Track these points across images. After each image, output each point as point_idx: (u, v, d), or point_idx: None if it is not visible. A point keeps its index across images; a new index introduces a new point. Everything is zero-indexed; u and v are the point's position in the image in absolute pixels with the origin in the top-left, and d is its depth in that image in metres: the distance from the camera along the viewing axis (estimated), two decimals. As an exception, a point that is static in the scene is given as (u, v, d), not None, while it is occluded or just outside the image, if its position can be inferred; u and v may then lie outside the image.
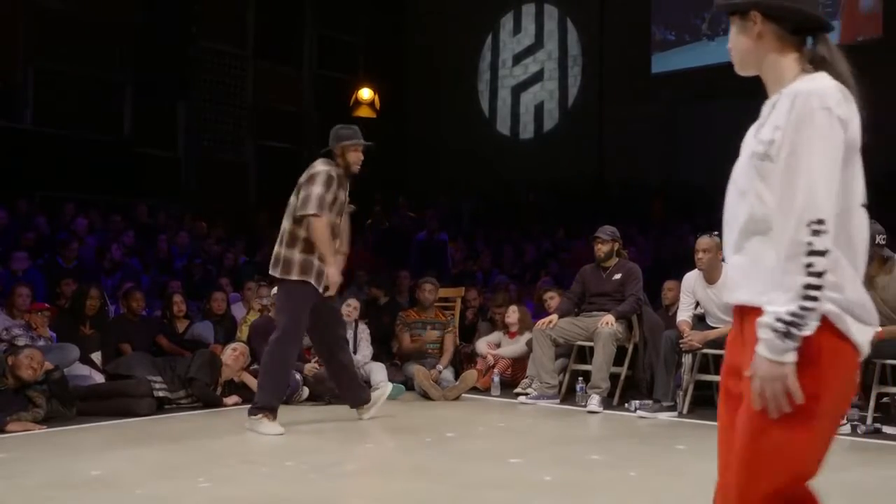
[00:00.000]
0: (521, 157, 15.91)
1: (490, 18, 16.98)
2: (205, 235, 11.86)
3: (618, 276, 6.97)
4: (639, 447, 5.28)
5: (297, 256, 5.48)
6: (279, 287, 5.65)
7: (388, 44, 17.05)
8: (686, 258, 7.03)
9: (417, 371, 7.16)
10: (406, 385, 7.29)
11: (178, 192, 14.12)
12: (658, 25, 15.06)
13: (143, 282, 9.37)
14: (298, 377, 6.70)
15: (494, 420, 6.35)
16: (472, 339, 8.30)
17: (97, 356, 7.09)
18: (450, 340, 7.71)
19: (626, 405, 6.55)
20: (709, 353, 6.37)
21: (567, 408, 6.66)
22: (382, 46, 16.96)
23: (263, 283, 8.43)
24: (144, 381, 6.18)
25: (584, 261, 7.60)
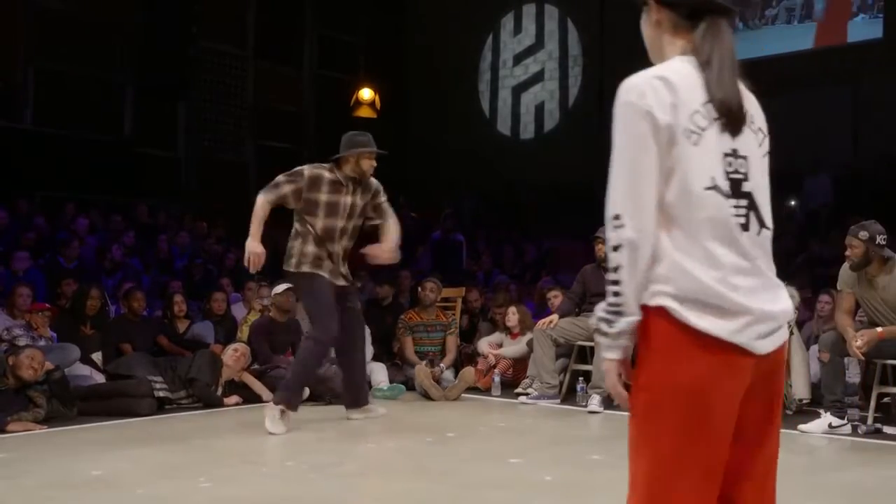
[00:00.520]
0: (522, 158, 15.89)
1: (490, 18, 16.96)
2: (205, 235, 11.87)
3: (618, 276, 6.95)
4: (639, 447, 5.27)
5: (296, 248, 5.71)
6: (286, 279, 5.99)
7: (389, 44, 17.03)
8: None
9: (418, 370, 7.16)
10: (406, 385, 7.29)
11: (179, 192, 14.11)
12: (658, 25, 15.03)
13: (144, 282, 9.36)
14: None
15: (495, 420, 6.36)
16: (473, 340, 8.30)
17: (98, 356, 7.10)
18: (451, 341, 7.70)
19: (627, 405, 6.54)
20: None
21: (568, 408, 6.66)
22: (383, 46, 16.94)
23: (264, 284, 8.44)
24: (145, 382, 6.18)
25: (584, 261, 7.60)
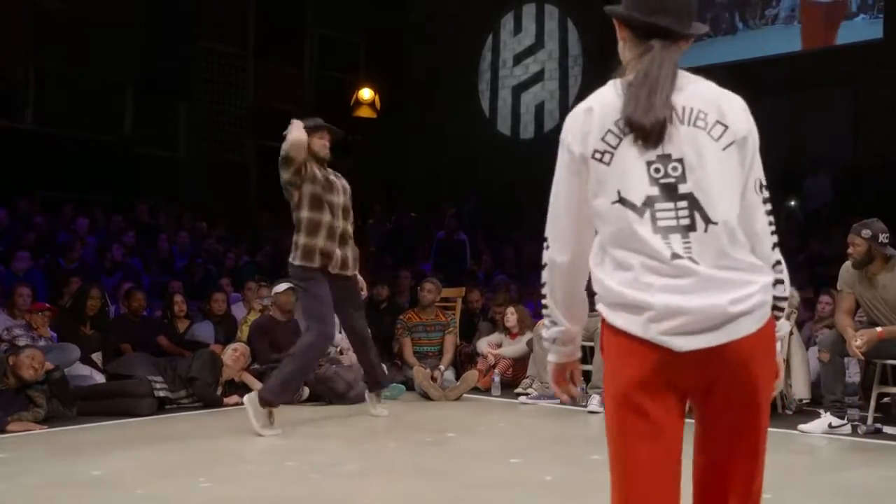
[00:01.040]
0: (522, 157, 15.88)
1: (490, 18, 16.95)
2: (205, 235, 11.86)
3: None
4: (639, 447, 5.27)
5: (301, 240, 5.55)
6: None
7: (389, 44, 17.03)
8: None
9: (417, 371, 7.16)
10: (406, 385, 7.29)
11: (179, 192, 14.09)
12: (658, 25, 15.03)
13: (144, 282, 9.36)
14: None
15: (495, 420, 6.36)
16: (473, 340, 8.29)
17: (98, 356, 7.10)
18: (450, 341, 7.69)
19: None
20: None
21: (567, 408, 6.65)
22: (383, 46, 16.94)
23: (264, 284, 8.44)
24: (145, 381, 6.18)
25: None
